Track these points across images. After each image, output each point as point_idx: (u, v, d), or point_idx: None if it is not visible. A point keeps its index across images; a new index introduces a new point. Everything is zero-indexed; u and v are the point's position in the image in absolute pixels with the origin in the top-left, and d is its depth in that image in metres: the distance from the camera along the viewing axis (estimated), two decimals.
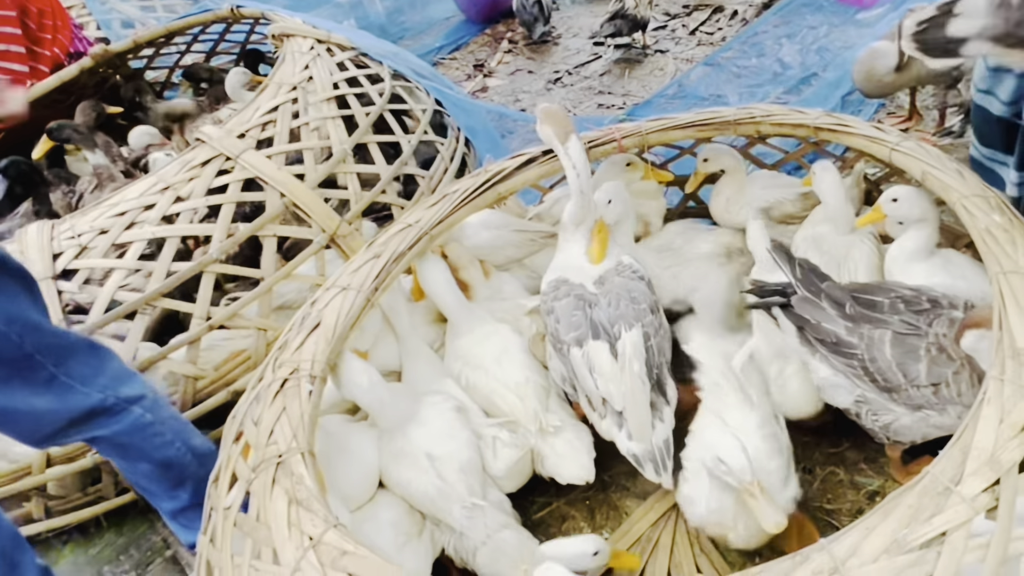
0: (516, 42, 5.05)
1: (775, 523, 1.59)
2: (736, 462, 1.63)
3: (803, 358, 1.85)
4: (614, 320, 1.90)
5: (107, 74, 3.80)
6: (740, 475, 1.62)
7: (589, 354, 1.87)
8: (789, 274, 1.84)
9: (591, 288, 2.00)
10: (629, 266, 2.03)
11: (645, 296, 1.97)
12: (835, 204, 2.11)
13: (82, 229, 2.29)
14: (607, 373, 1.84)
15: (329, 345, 1.69)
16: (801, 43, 4.07)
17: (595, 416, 1.91)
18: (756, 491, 1.61)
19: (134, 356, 2.14)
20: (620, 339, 1.87)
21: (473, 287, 2.22)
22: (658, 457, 1.80)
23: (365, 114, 2.73)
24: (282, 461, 1.43)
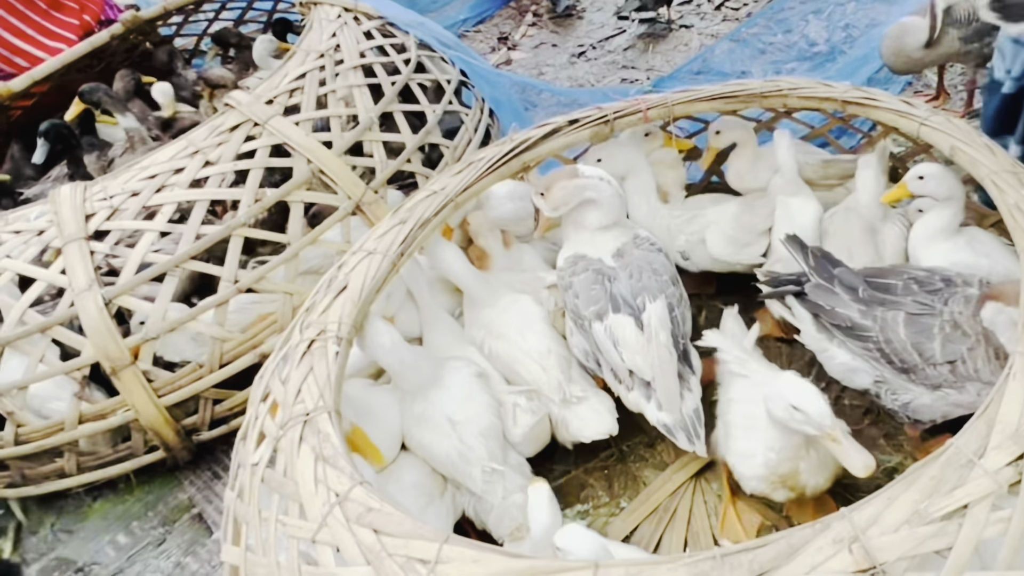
0: (540, 15, 5.02)
1: (864, 465, 1.49)
2: (814, 408, 1.52)
3: (820, 346, 1.86)
4: (637, 292, 1.92)
5: (137, 40, 3.83)
6: (820, 420, 1.51)
7: (612, 328, 1.89)
8: (802, 262, 1.86)
9: (609, 262, 2.01)
10: (647, 238, 2.06)
11: (665, 268, 2.00)
12: (869, 201, 2.11)
13: (114, 191, 2.32)
14: (633, 345, 1.86)
15: (355, 308, 1.71)
16: (828, 19, 4.01)
17: (621, 388, 1.93)
18: (839, 435, 1.51)
19: (163, 317, 2.18)
20: (645, 311, 1.88)
21: (492, 256, 2.24)
22: (689, 425, 1.82)
23: (391, 83, 2.74)
24: (309, 419, 1.46)
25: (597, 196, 2.04)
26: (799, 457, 1.66)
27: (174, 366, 2.27)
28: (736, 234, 2.25)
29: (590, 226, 2.07)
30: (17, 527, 2.39)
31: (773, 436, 1.65)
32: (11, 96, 3.30)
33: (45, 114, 3.46)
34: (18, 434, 2.21)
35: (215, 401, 2.30)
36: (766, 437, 1.67)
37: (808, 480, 1.68)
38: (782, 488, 1.71)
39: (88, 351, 2.14)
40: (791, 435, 1.62)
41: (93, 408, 2.19)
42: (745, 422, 1.75)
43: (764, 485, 1.72)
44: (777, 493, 1.73)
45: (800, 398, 1.54)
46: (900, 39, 2.85)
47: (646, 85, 3.64)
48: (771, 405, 1.60)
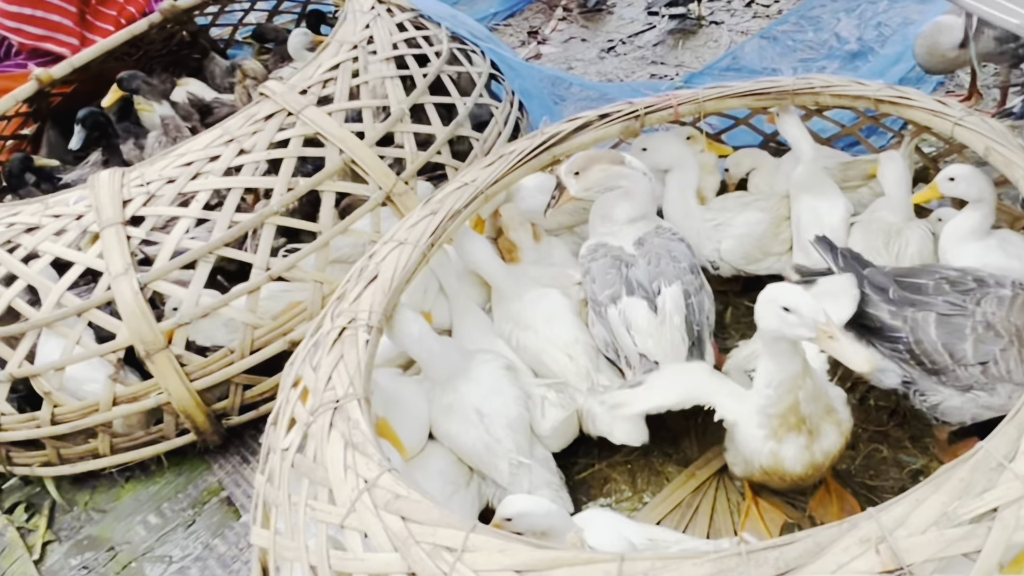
0: (571, 10, 5.01)
1: (865, 359, 1.42)
2: (806, 307, 1.42)
3: None
4: (653, 277, 1.94)
5: (174, 30, 3.88)
6: (814, 317, 1.42)
7: (625, 311, 1.91)
8: (832, 263, 1.84)
9: (630, 249, 2.03)
10: (668, 228, 2.08)
11: (685, 256, 2.01)
12: (897, 196, 2.10)
13: (151, 177, 2.37)
14: (644, 328, 1.88)
15: (386, 297, 1.74)
16: (859, 17, 3.96)
17: (630, 372, 1.94)
18: (835, 331, 1.43)
19: (196, 303, 2.22)
20: (660, 295, 1.90)
21: (521, 248, 2.25)
22: None
23: (423, 75, 2.75)
24: (339, 406, 1.49)
25: (632, 188, 2.05)
26: (797, 387, 1.56)
27: (206, 351, 2.31)
28: (752, 252, 2.27)
29: (618, 219, 2.08)
30: (51, 505, 2.44)
31: (769, 370, 1.57)
32: (51, 82, 3.36)
33: (84, 101, 3.53)
34: (55, 414, 2.26)
35: (245, 387, 2.33)
36: (760, 375, 1.60)
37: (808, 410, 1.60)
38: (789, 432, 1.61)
39: (123, 334, 2.19)
40: (787, 362, 1.54)
41: (127, 390, 2.24)
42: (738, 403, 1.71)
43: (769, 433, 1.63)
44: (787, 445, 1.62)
45: (791, 299, 1.45)
46: (935, 38, 2.82)
47: (677, 81, 3.63)
48: (761, 316, 1.50)
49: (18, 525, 2.41)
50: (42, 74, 3.30)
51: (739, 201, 2.32)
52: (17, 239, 2.35)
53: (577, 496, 1.99)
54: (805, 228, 2.18)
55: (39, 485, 2.51)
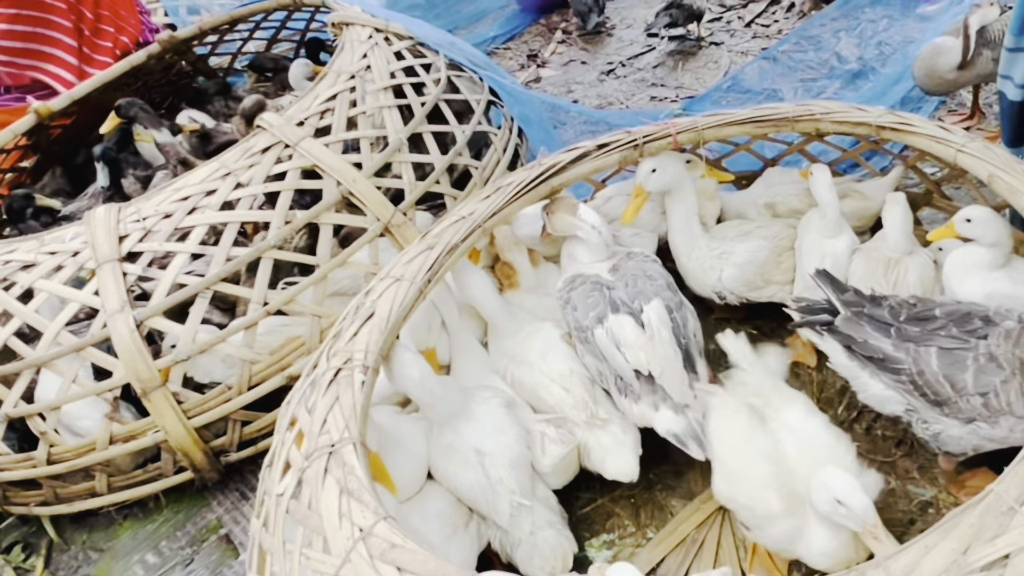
0: (570, 32, 5.02)
1: None
2: (859, 504, 1.50)
3: (851, 374, 1.84)
4: (633, 297, 1.94)
5: (173, 60, 3.90)
6: (864, 517, 1.50)
7: (612, 329, 1.90)
8: (833, 296, 1.84)
9: (606, 276, 2.04)
10: (639, 252, 2.11)
11: (661, 274, 2.02)
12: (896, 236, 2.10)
13: (148, 213, 2.36)
14: (635, 343, 1.87)
15: (382, 336, 1.71)
16: (860, 37, 3.96)
17: (627, 402, 1.92)
18: (880, 533, 1.50)
19: (194, 339, 2.20)
20: (643, 312, 1.90)
21: (520, 272, 2.25)
22: (699, 432, 1.81)
23: (420, 104, 2.75)
24: (334, 451, 1.46)
25: (586, 238, 2.11)
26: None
27: (203, 387, 2.29)
28: (754, 279, 2.25)
29: (581, 260, 2.14)
30: (49, 544, 2.41)
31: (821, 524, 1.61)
32: (50, 115, 3.36)
33: (83, 132, 3.54)
34: (51, 454, 2.24)
35: (243, 423, 2.31)
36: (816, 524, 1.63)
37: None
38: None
39: (119, 372, 2.17)
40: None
41: (124, 429, 2.22)
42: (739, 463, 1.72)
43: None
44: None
45: (845, 494, 1.51)
46: (933, 60, 2.81)
47: (676, 108, 3.62)
48: (815, 498, 1.56)
49: (15, 565, 2.38)
50: (41, 107, 3.31)
51: (739, 229, 2.31)
52: (13, 276, 2.34)
53: (580, 532, 1.96)
54: (808, 257, 2.17)
55: (36, 524, 2.48)
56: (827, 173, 2.17)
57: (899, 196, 2.13)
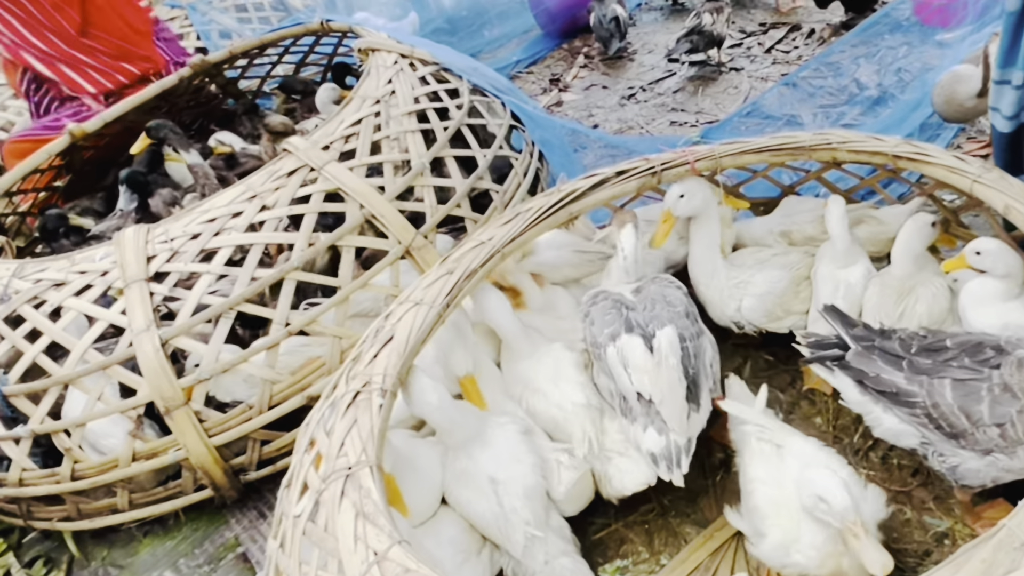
0: (592, 57, 5.07)
1: (881, 565, 1.50)
2: (839, 501, 1.55)
3: (864, 408, 1.83)
4: (648, 320, 1.96)
5: (203, 83, 3.99)
6: (844, 513, 1.54)
7: (623, 349, 1.92)
8: (842, 331, 1.84)
9: (629, 296, 2.06)
10: (666, 277, 2.13)
11: (680, 301, 2.03)
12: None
13: (175, 234, 2.41)
14: (641, 366, 1.88)
15: (401, 359, 1.74)
16: (879, 63, 3.96)
17: (626, 423, 1.93)
18: (860, 531, 1.53)
19: (217, 358, 2.24)
20: (655, 336, 1.91)
21: (526, 293, 2.27)
22: (673, 454, 1.82)
23: (443, 128, 2.79)
24: (351, 474, 1.49)
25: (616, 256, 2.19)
26: (840, 553, 1.63)
27: (225, 406, 2.33)
28: (773, 310, 2.26)
29: (612, 275, 2.21)
30: (70, 560, 2.45)
31: (813, 530, 1.64)
32: (84, 136, 3.45)
33: (115, 153, 3.63)
34: (75, 470, 2.28)
35: (263, 442, 2.34)
36: (803, 530, 1.66)
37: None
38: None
39: (144, 390, 2.21)
40: (826, 528, 1.61)
41: (146, 446, 2.26)
42: (772, 508, 1.73)
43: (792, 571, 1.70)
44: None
45: (826, 489, 1.56)
46: (952, 88, 2.81)
47: (695, 135, 3.64)
48: (801, 494, 1.61)
49: None
50: (75, 128, 3.40)
51: (757, 257, 2.31)
52: (44, 295, 2.40)
53: (593, 558, 1.97)
54: (822, 287, 2.18)
55: (58, 539, 2.52)
56: (840, 206, 2.17)
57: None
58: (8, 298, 2.41)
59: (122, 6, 3.85)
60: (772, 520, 1.72)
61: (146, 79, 3.81)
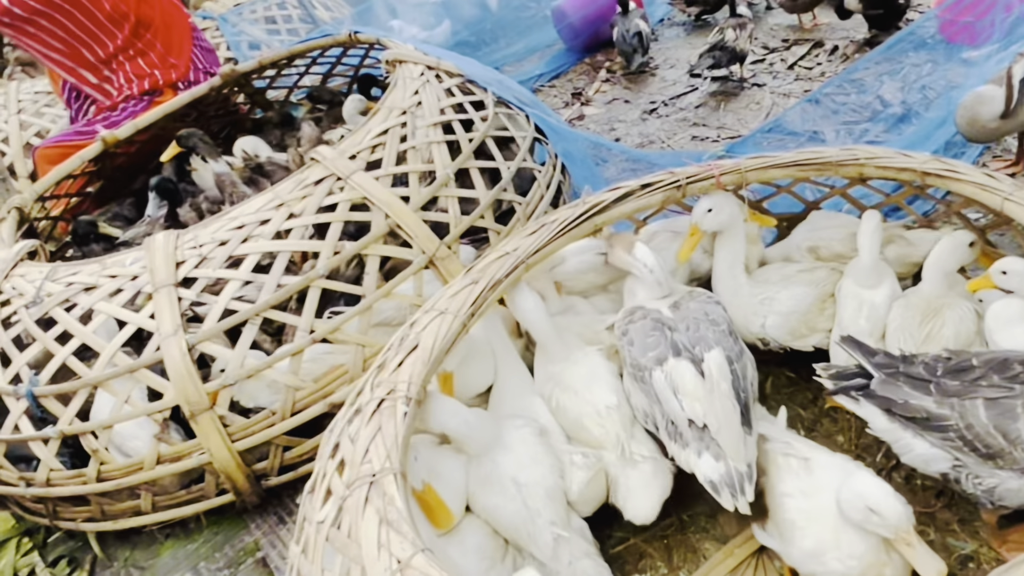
0: (614, 72, 5.10)
1: (937, 571, 1.49)
2: (892, 510, 1.52)
3: (893, 436, 1.80)
4: (695, 342, 1.92)
5: (232, 92, 4.05)
6: (898, 523, 1.51)
7: (672, 374, 1.87)
8: (864, 361, 1.81)
9: (667, 313, 2.02)
10: (703, 292, 2.09)
11: (723, 319, 1.99)
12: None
13: (204, 240, 2.44)
14: (693, 392, 1.84)
15: (426, 367, 1.75)
16: (903, 80, 3.93)
17: (676, 447, 1.90)
18: (913, 539, 1.51)
19: (242, 364, 2.26)
20: (704, 360, 1.87)
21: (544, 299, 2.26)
22: (736, 482, 1.78)
23: (468, 139, 2.81)
24: (375, 481, 1.49)
25: (640, 276, 2.13)
26: (882, 563, 1.61)
27: (248, 412, 2.35)
28: (798, 328, 2.25)
29: (640, 297, 2.15)
30: (93, 560, 2.48)
31: (852, 540, 1.62)
32: (116, 143, 3.51)
33: (145, 159, 3.68)
34: (100, 471, 2.31)
35: (285, 448, 2.36)
36: (841, 540, 1.64)
37: None
38: None
39: (170, 394, 2.24)
40: (869, 535, 1.59)
41: (170, 450, 2.28)
42: (806, 519, 1.71)
43: None
44: None
45: (878, 500, 1.53)
46: (975, 109, 2.80)
47: (718, 147, 3.65)
48: (845, 505, 1.58)
49: None
50: (107, 135, 3.46)
51: (781, 273, 2.30)
52: (75, 298, 2.44)
53: (611, 571, 1.96)
54: (845, 305, 2.17)
55: (82, 540, 2.55)
56: (875, 221, 2.15)
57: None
58: (40, 300, 2.45)
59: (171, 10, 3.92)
60: (807, 531, 1.70)
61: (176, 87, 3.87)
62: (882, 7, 4.39)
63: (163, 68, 3.91)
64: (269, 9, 4.97)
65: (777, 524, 1.78)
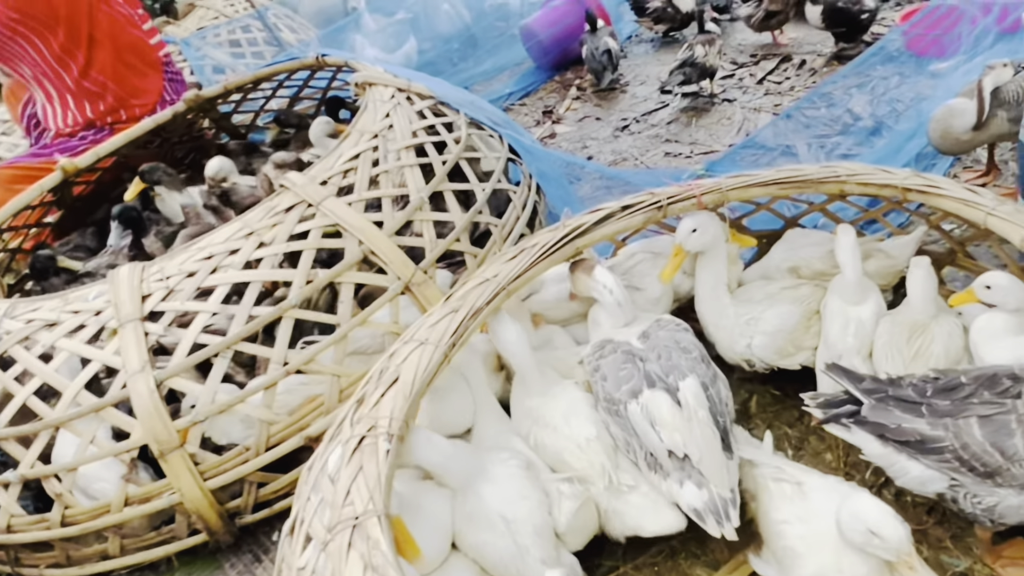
0: (584, 89, 5.10)
1: None
2: (894, 533, 1.49)
3: (887, 461, 1.77)
4: (668, 371, 1.89)
5: (196, 117, 3.96)
6: (899, 547, 1.49)
7: (648, 405, 1.84)
8: (852, 387, 1.79)
9: (637, 344, 1.99)
10: (670, 319, 2.07)
11: (694, 345, 1.97)
12: (922, 299, 2.09)
13: (171, 272, 2.36)
14: (671, 423, 1.81)
15: (407, 401, 1.69)
16: (872, 93, 3.99)
17: (656, 478, 1.87)
18: (915, 562, 1.49)
19: (213, 399, 2.18)
20: (679, 390, 1.84)
21: None
22: (720, 508, 1.75)
23: (442, 162, 2.77)
24: (358, 523, 1.43)
25: (601, 300, 2.12)
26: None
27: (221, 448, 2.27)
28: (785, 347, 2.23)
29: (603, 325, 2.13)
30: None
31: (855, 563, 1.59)
32: (76, 171, 3.41)
33: (107, 188, 3.58)
34: (65, 515, 2.21)
35: (260, 484, 2.28)
36: (843, 564, 1.60)
37: None
38: None
39: (138, 433, 2.15)
40: (870, 558, 1.56)
41: (139, 491, 2.19)
42: (805, 545, 1.68)
43: None
44: None
45: (878, 523, 1.50)
46: (947, 122, 2.82)
47: (692, 164, 3.65)
48: (845, 528, 1.55)
49: None
50: (67, 164, 3.35)
51: (765, 291, 2.28)
52: (36, 335, 2.34)
53: None
54: (831, 323, 2.15)
55: None
56: (851, 235, 2.15)
57: (923, 260, 2.12)
58: None
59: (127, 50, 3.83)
60: (808, 558, 1.67)
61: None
62: (844, 25, 4.45)
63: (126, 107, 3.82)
64: (233, 32, 4.89)
65: (775, 552, 1.74)
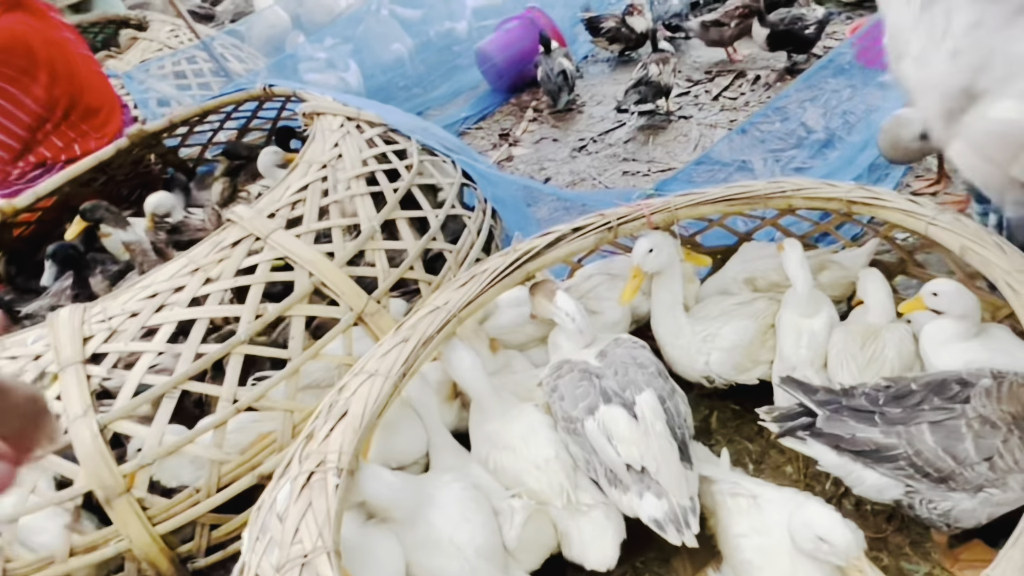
0: (541, 111, 5.11)
1: None
2: (842, 539, 1.51)
3: (843, 471, 1.79)
4: (624, 387, 1.89)
5: (141, 153, 3.87)
6: (848, 550, 1.51)
7: (604, 421, 1.84)
8: (806, 399, 1.81)
9: (594, 363, 1.99)
10: (628, 337, 2.07)
11: (651, 361, 1.98)
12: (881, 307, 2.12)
13: (114, 312, 2.28)
14: (628, 437, 1.81)
15: (356, 435, 1.65)
16: (824, 106, 4.05)
17: (616, 493, 1.86)
18: (865, 566, 1.51)
19: (160, 442, 2.11)
20: (636, 404, 1.84)
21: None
22: (680, 516, 1.75)
23: (393, 190, 2.73)
24: (307, 562, 1.39)
25: (562, 324, 2.11)
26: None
27: (170, 491, 2.19)
28: (742, 362, 2.23)
29: (563, 347, 2.12)
30: None
31: (809, 571, 1.60)
32: (15, 212, 3.31)
33: (48, 227, 3.49)
34: (7, 570, 2.11)
35: (212, 526, 2.20)
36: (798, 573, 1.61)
37: None
38: None
39: (81, 480, 2.06)
40: (824, 566, 1.57)
41: (85, 540, 2.10)
42: (762, 557, 1.68)
43: None
44: None
45: (827, 529, 1.51)
46: (896, 132, 2.86)
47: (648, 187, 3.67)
48: (797, 536, 1.56)
49: None
50: (5, 205, 3.26)
51: (720, 307, 2.29)
52: None
53: None
54: (785, 336, 2.16)
55: None
56: (798, 249, 2.17)
57: (874, 272, 2.14)
58: None
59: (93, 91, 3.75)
60: (765, 569, 1.67)
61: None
62: (790, 44, 4.53)
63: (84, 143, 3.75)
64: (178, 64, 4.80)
65: (734, 567, 1.74)
